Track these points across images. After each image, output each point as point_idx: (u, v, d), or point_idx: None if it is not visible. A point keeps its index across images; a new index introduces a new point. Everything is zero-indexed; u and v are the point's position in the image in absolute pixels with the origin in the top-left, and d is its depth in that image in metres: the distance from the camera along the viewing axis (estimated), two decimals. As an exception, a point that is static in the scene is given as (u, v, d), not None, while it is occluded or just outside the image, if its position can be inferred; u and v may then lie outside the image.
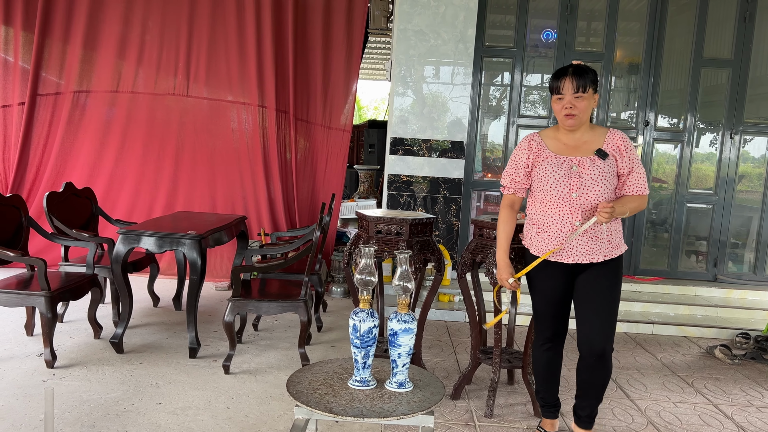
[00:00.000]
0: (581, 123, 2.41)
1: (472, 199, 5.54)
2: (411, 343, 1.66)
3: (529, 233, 2.58)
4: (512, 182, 2.58)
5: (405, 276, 1.69)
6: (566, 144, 2.45)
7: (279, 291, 3.70)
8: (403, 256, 1.68)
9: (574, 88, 2.34)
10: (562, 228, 2.42)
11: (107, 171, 5.49)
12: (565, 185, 2.39)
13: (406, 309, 1.69)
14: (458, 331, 4.46)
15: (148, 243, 3.54)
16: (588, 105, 2.37)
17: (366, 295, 1.68)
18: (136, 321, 4.23)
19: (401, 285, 1.68)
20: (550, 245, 2.46)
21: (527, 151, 2.52)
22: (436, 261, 3.17)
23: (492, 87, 5.58)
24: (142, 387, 3.16)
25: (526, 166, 2.53)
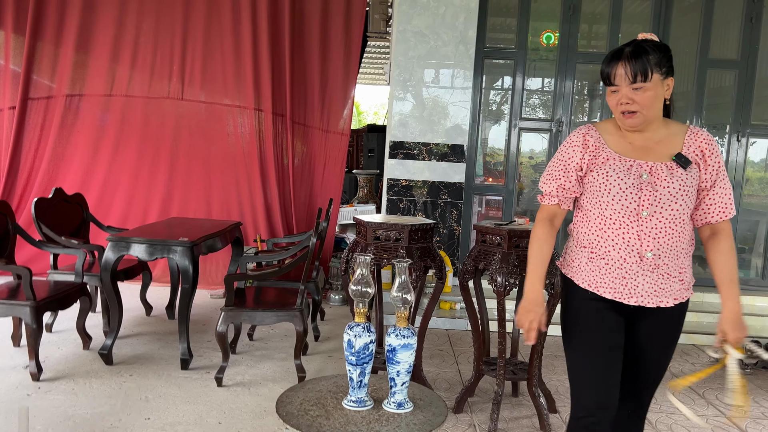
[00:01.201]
0: (647, 121, 1.78)
1: (474, 203, 5.42)
2: (411, 359, 1.54)
3: (577, 258, 1.89)
4: (559, 189, 1.90)
5: (404, 287, 1.56)
6: (632, 144, 1.84)
7: (274, 299, 3.57)
8: (401, 266, 1.55)
9: (631, 76, 1.71)
10: (627, 257, 1.78)
11: (101, 176, 5.37)
12: (634, 198, 1.76)
13: (405, 323, 1.57)
14: (460, 340, 4.33)
15: (138, 250, 3.42)
16: (654, 96, 1.73)
17: (362, 308, 1.56)
18: (127, 330, 4.10)
19: (400, 296, 1.56)
20: (609, 278, 1.82)
21: (581, 148, 1.87)
22: (437, 268, 3.04)
23: (493, 90, 5.47)
24: (130, 401, 3.02)
25: (578, 169, 1.88)
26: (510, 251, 2.87)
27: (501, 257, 2.86)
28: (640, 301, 1.80)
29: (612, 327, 1.86)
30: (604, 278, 1.82)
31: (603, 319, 1.85)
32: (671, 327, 1.89)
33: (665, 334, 1.90)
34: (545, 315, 1.84)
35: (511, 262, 2.84)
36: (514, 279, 2.84)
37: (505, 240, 2.88)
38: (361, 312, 1.56)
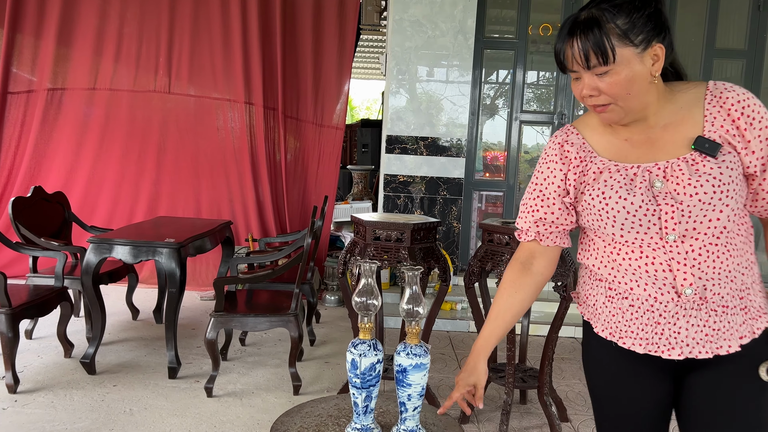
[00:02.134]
0: (631, 111, 1.23)
1: (473, 199, 5.23)
2: (424, 381, 1.35)
3: (593, 294, 1.37)
4: (539, 223, 1.39)
5: (415, 298, 1.37)
6: (630, 140, 1.28)
7: (267, 303, 3.37)
8: (412, 274, 1.36)
9: (581, 59, 1.18)
10: (657, 295, 1.23)
11: (85, 174, 5.14)
12: (651, 220, 1.21)
13: (417, 339, 1.37)
14: (462, 343, 4.15)
15: (121, 253, 3.21)
16: (629, 80, 1.18)
17: (367, 323, 1.36)
18: (112, 336, 3.89)
19: (411, 309, 1.36)
20: (637, 325, 1.27)
21: (560, 164, 1.34)
22: (441, 270, 2.86)
23: (493, 81, 5.28)
24: (113, 414, 2.82)
25: (562, 194, 1.35)
26: (519, 251, 2.68)
27: (509, 258, 2.67)
28: (686, 352, 1.24)
29: (652, 387, 1.33)
30: (630, 324, 1.28)
31: (635, 381, 1.34)
32: (746, 379, 1.25)
33: (736, 388, 1.26)
34: (479, 389, 1.42)
35: (520, 263, 2.65)
36: (524, 281, 2.65)
37: (514, 239, 2.69)
38: (367, 327, 1.37)
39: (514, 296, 1.41)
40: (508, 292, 1.41)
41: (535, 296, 1.43)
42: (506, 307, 1.41)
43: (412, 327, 1.37)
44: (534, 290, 1.42)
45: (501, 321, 1.41)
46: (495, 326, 1.41)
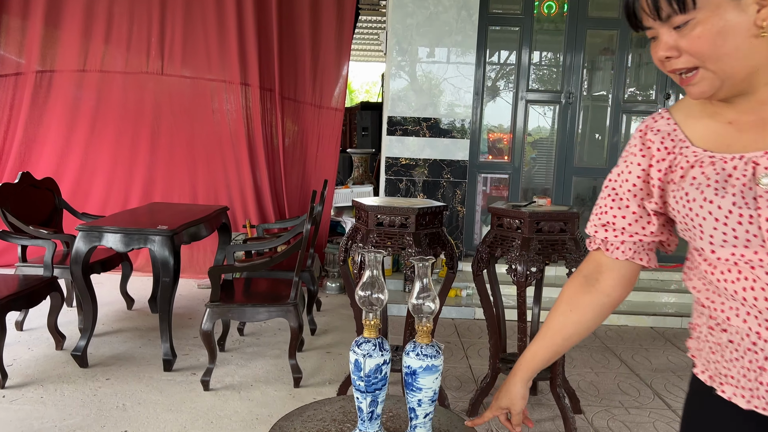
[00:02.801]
0: (730, 80, 0.92)
1: (478, 182, 5.07)
2: (436, 385, 1.21)
3: (699, 325, 1.06)
4: (603, 225, 1.11)
5: (426, 292, 1.22)
6: (737, 122, 0.97)
7: (266, 292, 3.24)
8: (422, 266, 1.21)
9: (651, 7, 0.91)
10: (761, 329, 0.92)
11: (77, 159, 4.98)
12: (746, 232, 0.90)
13: (428, 338, 1.23)
14: (468, 330, 4.01)
15: (111, 241, 3.06)
16: (720, 33, 0.87)
17: (372, 319, 1.22)
18: (106, 327, 3.75)
19: (422, 305, 1.22)
20: (737, 366, 0.96)
21: (638, 153, 1.06)
22: (448, 256, 2.71)
23: (498, 59, 5.09)
24: (105, 410, 2.69)
25: (641, 194, 1.06)
26: (531, 236, 2.54)
27: (521, 243, 2.53)
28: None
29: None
30: (730, 366, 0.97)
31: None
32: None
33: None
34: (514, 415, 1.23)
35: (532, 249, 2.51)
36: (537, 267, 2.51)
37: (525, 223, 2.55)
38: (372, 324, 1.22)
39: (568, 316, 1.16)
40: (562, 310, 1.17)
41: (598, 321, 1.16)
42: (558, 327, 1.17)
43: (423, 325, 1.23)
44: (595, 313, 1.15)
45: (549, 342, 1.18)
46: (541, 347, 1.19)
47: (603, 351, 3.69)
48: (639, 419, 2.80)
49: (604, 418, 2.80)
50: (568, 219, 2.57)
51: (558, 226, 2.57)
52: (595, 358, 3.57)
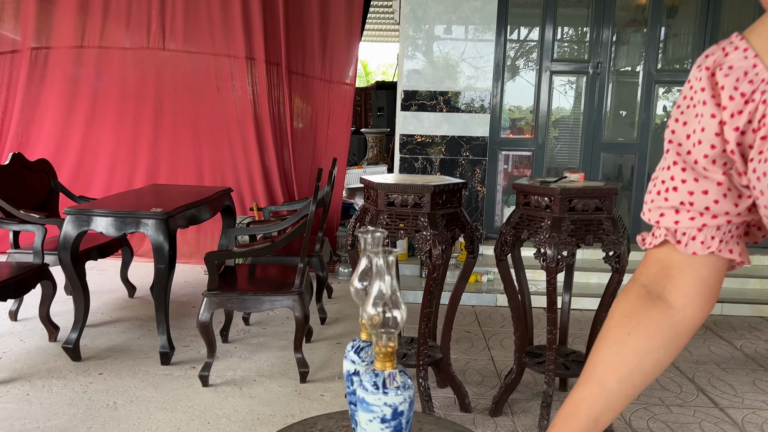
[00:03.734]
0: None
1: (499, 161, 4.75)
2: None
3: None
4: (687, 205, 0.74)
5: (386, 299, 0.90)
6: None
7: (270, 279, 2.99)
8: (383, 260, 0.89)
9: None
10: None
11: (77, 140, 4.76)
12: None
13: (391, 362, 0.92)
14: (489, 319, 3.73)
15: (102, 225, 2.82)
16: None
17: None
18: (105, 317, 3.54)
19: (379, 316, 0.87)
20: None
21: (710, 101, 0.70)
22: (467, 239, 2.42)
23: (521, 27, 4.74)
24: (95, 409, 2.47)
25: (714, 155, 0.71)
26: (563, 216, 2.24)
27: (551, 224, 2.23)
28: None
29: None
30: None
31: None
32: None
33: None
34: None
35: (564, 230, 2.22)
36: (569, 251, 2.22)
37: (556, 202, 2.25)
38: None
39: (625, 343, 0.80)
40: (616, 336, 0.81)
41: (671, 350, 0.80)
42: (610, 362, 0.80)
43: (383, 345, 0.87)
44: (666, 337, 0.79)
45: (597, 388, 0.80)
46: (587, 395, 0.81)
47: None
48: (683, 419, 2.51)
49: (643, 418, 2.51)
50: (604, 195, 2.27)
51: (593, 204, 2.27)
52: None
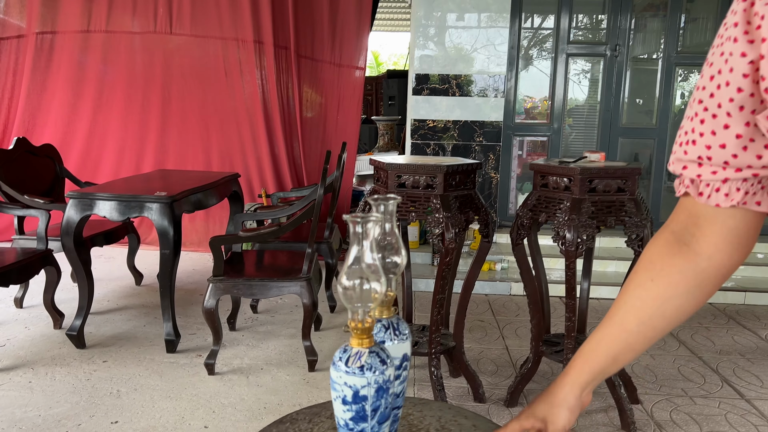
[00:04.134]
0: None
1: (513, 146, 4.63)
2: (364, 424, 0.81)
3: None
4: (698, 156, 0.68)
5: (365, 268, 0.78)
6: None
7: (278, 265, 2.91)
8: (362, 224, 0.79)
9: None
10: None
11: (84, 127, 4.70)
12: None
13: (368, 341, 0.82)
14: (503, 308, 3.63)
15: (104, 209, 2.75)
16: None
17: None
18: (111, 304, 3.49)
19: (351, 289, 0.78)
20: None
21: (741, 37, 0.61)
22: (482, 223, 2.32)
23: (535, 15, 4.60)
24: (98, 397, 2.41)
25: (741, 99, 0.62)
26: (583, 197, 2.13)
27: (570, 205, 2.12)
28: None
29: None
30: None
31: None
32: None
33: None
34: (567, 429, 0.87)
35: (584, 212, 2.11)
36: (589, 234, 2.11)
37: (575, 182, 2.14)
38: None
39: (648, 288, 0.79)
40: (640, 280, 0.80)
41: (696, 297, 0.78)
42: (632, 304, 0.80)
43: (358, 319, 0.79)
44: (690, 283, 0.77)
45: (618, 329, 0.82)
46: (606, 336, 0.83)
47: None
48: (707, 411, 2.40)
49: (665, 409, 2.40)
50: (627, 175, 2.15)
51: (615, 185, 2.16)
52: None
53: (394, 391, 0.85)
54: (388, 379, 0.81)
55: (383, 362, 0.80)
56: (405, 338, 0.91)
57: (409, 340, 0.91)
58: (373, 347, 0.80)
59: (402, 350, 0.90)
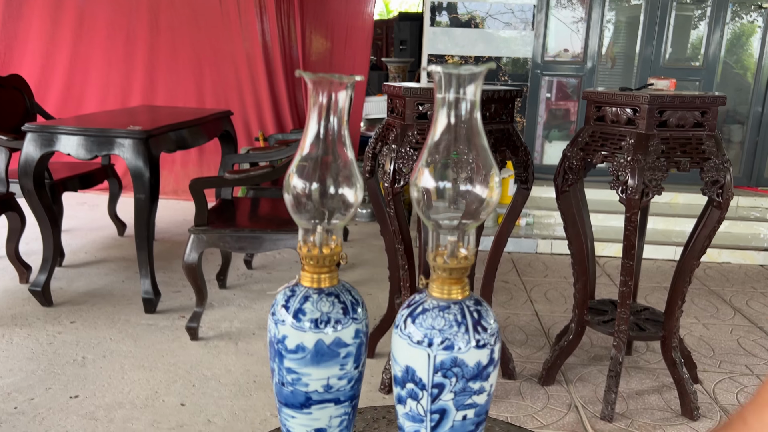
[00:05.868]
0: None
1: (542, 88, 4.14)
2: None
3: None
4: None
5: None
6: None
7: (274, 215, 2.50)
8: None
9: None
10: None
11: (65, 60, 4.24)
12: None
13: (330, 279, 0.57)
14: (529, 267, 3.23)
15: (69, 145, 2.33)
16: None
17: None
18: (89, 256, 3.11)
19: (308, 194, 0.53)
20: None
21: None
22: (520, 165, 1.89)
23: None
24: (58, 365, 2.04)
25: None
26: (650, 132, 1.69)
27: (635, 143, 1.68)
28: None
29: None
30: None
31: None
32: None
33: None
34: None
35: (652, 151, 1.67)
36: (657, 179, 1.67)
37: (642, 114, 1.69)
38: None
39: None
40: None
41: None
42: None
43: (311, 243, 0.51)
44: None
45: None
46: None
47: (707, 295, 2.87)
48: (781, 394, 2.01)
49: (730, 391, 2.02)
50: (708, 106, 1.71)
51: (692, 118, 1.71)
52: (698, 304, 2.76)
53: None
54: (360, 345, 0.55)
55: (348, 313, 0.56)
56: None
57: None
58: (336, 288, 0.58)
59: (478, 357, 0.50)
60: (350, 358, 0.56)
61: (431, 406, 0.49)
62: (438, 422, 0.50)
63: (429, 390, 0.49)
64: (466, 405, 0.49)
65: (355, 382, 0.58)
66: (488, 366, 0.48)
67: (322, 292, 0.57)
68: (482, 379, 0.48)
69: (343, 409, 0.57)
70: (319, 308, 0.56)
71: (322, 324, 0.56)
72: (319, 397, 0.56)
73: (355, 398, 0.58)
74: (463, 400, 0.49)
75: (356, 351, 0.57)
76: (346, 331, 0.56)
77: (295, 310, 0.57)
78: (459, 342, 0.48)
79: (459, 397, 0.49)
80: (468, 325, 0.48)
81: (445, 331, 0.48)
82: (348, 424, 0.59)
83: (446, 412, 0.49)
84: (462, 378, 0.48)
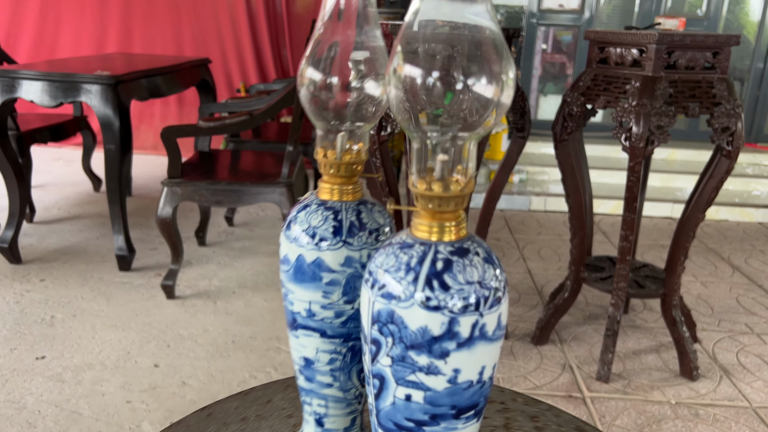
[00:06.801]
0: None
1: (537, 39, 3.96)
2: None
3: None
4: None
5: None
6: None
7: (255, 168, 2.36)
8: None
9: None
10: None
11: (35, 5, 4.00)
12: None
13: (353, 193, 0.49)
14: (522, 225, 3.13)
15: (32, 92, 2.16)
16: None
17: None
18: (63, 212, 2.97)
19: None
20: None
21: None
22: (517, 111, 1.75)
23: None
24: (25, 325, 1.93)
25: None
26: (658, 75, 1.56)
27: (640, 87, 1.55)
28: None
29: None
30: None
31: None
32: None
33: None
34: None
35: (659, 95, 1.54)
36: (664, 125, 1.55)
37: (649, 55, 1.55)
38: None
39: None
40: None
41: None
42: None
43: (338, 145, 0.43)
44: None
45: None
46: None
47: (705, 253, 2.79)
48: (781, 354, 1.94)
49: (730, 350, 1.94)
50: (720, 46, 1.57)
51: (702, 59, 1.58)
52: (696, 261, 2.67)
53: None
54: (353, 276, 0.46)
55: (339, 234, 0.46)
56: (454, 300, 0.38)
57: (469, 312, 0.38)
58: (353, 204, 0.48)
59: (424, 321, 0.38)
60: (337, 287, 0.46)
61: (371, 366, 0.39)
62: (379, 390, 0.39)
63: (369, 345, 0.39)
64: (408, 381, 0.37)
65: (348, 319, 0.47)
66: (442, 339, 0.35)
67: (324, 204, 0.47)
68: (432, 354, 0.35)
69: (333, 345, 0.47)
70: (308, 220, 0.47)
71: (306, 238, 0.46)
72: (302, 321, 0.48)
73: (350, 339, 0.48)
74: (404, 374, 0.37)
75: (346, 282, 0.46)
76: (330, 254, 0.45)
77: (291, 218, 0.48)
78: (398, 291, 0.36)
79: (397, 366, 0.37)
80: (420, 273, 0.36)
81: (391, 273, 0.37)
82: (343, 366, 0.48)
83: (385, 380, 0.38)
84: (400, 342, 0.36)
